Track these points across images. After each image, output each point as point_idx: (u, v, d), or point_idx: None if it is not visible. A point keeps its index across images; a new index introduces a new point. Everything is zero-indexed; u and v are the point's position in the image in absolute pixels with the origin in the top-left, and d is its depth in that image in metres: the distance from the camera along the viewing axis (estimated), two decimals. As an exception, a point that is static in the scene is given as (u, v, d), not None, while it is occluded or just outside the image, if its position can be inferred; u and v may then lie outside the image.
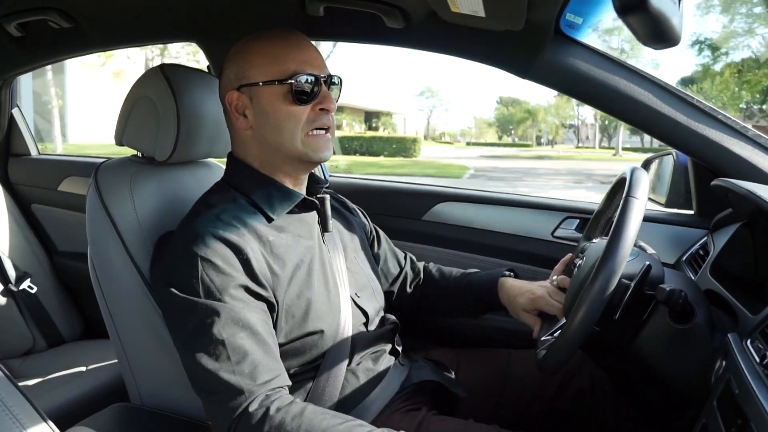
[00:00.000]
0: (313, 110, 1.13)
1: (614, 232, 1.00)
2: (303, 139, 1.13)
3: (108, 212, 1.23)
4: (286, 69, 1.11)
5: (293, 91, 1.10)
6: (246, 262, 1.05)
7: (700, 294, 1.11)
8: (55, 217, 2.28)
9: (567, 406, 1.35)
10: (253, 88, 1.13)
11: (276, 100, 1.12)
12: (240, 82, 1.14)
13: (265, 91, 1.12)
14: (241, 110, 1.15)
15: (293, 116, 1.12)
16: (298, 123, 1.12)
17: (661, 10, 0.70)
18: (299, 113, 1.12)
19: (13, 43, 1.79)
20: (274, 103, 1.12)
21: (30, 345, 2.05)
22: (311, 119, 1.13)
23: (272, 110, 1.12)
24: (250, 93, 1.13)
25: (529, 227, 1.77)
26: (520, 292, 1.35)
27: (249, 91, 1.13)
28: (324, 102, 1.13)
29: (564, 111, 51.94)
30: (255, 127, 1.15)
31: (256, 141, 1.16)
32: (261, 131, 1.15)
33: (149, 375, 1.29)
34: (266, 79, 1.12)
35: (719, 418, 0.85)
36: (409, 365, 1.32)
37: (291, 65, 1.11)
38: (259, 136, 1.15)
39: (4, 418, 0.71)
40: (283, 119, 1.12)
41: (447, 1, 1.16)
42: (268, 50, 1.13)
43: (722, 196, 1.28)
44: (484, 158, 30.64)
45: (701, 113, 1.34)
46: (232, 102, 1.15)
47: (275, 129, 1.13)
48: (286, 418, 0.96)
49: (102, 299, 1.28)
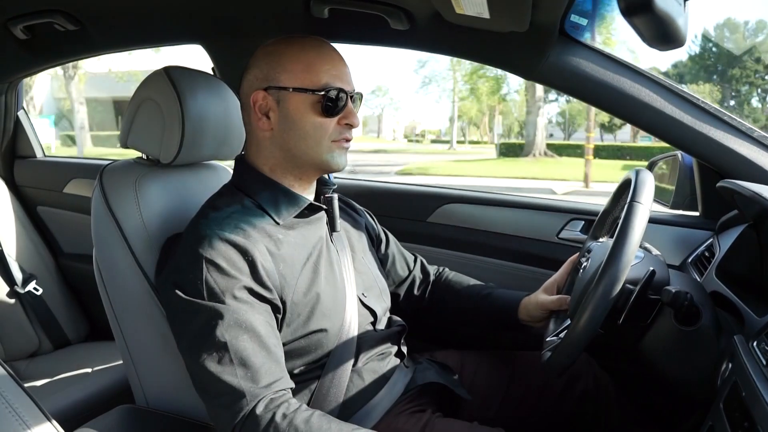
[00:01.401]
0: (339, 123, 1.14)
1: (618, 236, 1.00)
2: (326, 148, 1.14)
3: (113, 214, 1.24)
4: (319, 80, 1.12)
5: (323, 103, 1.11)
6: (252, 264, 1.05)
7: (705, 296, 1.11)
8: (61, 219, 2.29)
9: (572, 407, 1.35)
10: (282, 92, 1.13)
11: (304, 108, 1.12)
12: (268, 83, 1.14)
13: (295, 98, 1.12)
14: (264, 111, 1.15)
15: (320, 127, 1.13)
16: (324, 133, 1.13)
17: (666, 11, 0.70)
18: (326, 124, 1.13)
19: (18, 45, 1.80)
20: (301, 110, 1.12)
21: (36, 347, 2.06)
22: (336, 131, 1.14)
23: (298, 117, 1.13)
24: (278, 96, 1.13)
25: (534, 229, 1.76)
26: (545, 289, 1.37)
27: (277, 93, 1.13)
28: (349, 117, 1.15)
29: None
30: (276, 130, 1.15)
31: (274, 144, 1.16)
32: (283, 135, 1.15)
33: (154, 377, 1.29)
34: (297, 86, 1.12)
35: (726, 420, 0.85)
36: (414, 367, 1.32)
37: (324, 77, 1.12)
38: (279, 139, 1.15)
39: (11, 419, 0.71)
40: (310, 128, 1.13)
41: (452, 3, 1.16)
42: (304, 57, 1.13)
43: (728, 198, 1.28)
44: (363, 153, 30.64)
45: (707, 114, 1.33)
46: (256, 101, 1.15)
47: (299, 136, 1.14)
48: (292, 425, 0.96)
49: (107, 301, 1.28)
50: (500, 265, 1.75)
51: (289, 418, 0.96)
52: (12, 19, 1.66)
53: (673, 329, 1.06)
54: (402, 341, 1.33)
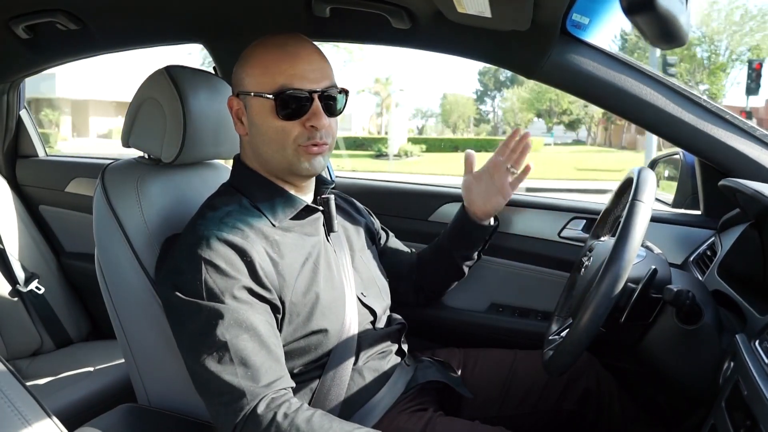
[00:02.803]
0: (303, 126, 1.10)
1: (620, 235, 1.00)
2: (292, 152, 1.11)
3: (115, 213, 1.24)
4: (274, 82, 1.08)
5: (279, 107, 1.08)
6: (250, 265, 1.05)
7: (707, 294, 1.11)
8: (63, 218, 2.29)
9: (573, 406, 1.35)
10: (247, 98, 1.13)
11: (264, 112, 1.10)
12: (237, 89, 1.15)
13: (255, 102, 1.11)
14: (239, 116, 1.16)
15: (281, 131, 1.10)
16: (287, 138, 1.10)
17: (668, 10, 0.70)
18: (287, 128, 1.10)
19: (21, 45, 1.80)
20: (262, 115, 1.11)
21: (38, 345, 2.06)
22: (302, 135, 1.10)
23: (261, 122, 1.11)
24: (245, 101, 1.14)
25: (535, 228, 1.76)
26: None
27: (244, 99, 1.14)
28: (312, 119, 1.10)
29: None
30: (249, 135, 1.16)
31: (251, 147, 1.17)
32: (253, 140, 1.15)
33: (156, 376, 1.30)
34: (256, 90, 1.11)
35: (728, 419, 0.85)
36: (415, 365, 1.32)
37: (279, 78, 1.08)
38: (252, 144, 1.16)
39: (13, 417, 0.71)
40: (272, 133, 1.11)
41: (453, 2, 1.15)
42: (262, 60, 1.11)
43: (730, 197, 1.27)
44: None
45: (709, 113, 1.33)
46: (232, 107, 1.16)
47: (264, 141, 1.13)
48: (294, 424, 0.96)
49: (109, 300, 1.28)
50: (502, 264, 1.75)
51: (291, 418, 0.96)
52: (14, 18, 1.66)
53: (675, 328, 1.06)
54: (402, 339, 1.33)
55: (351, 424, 1.01)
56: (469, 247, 1.48)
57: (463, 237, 1.48)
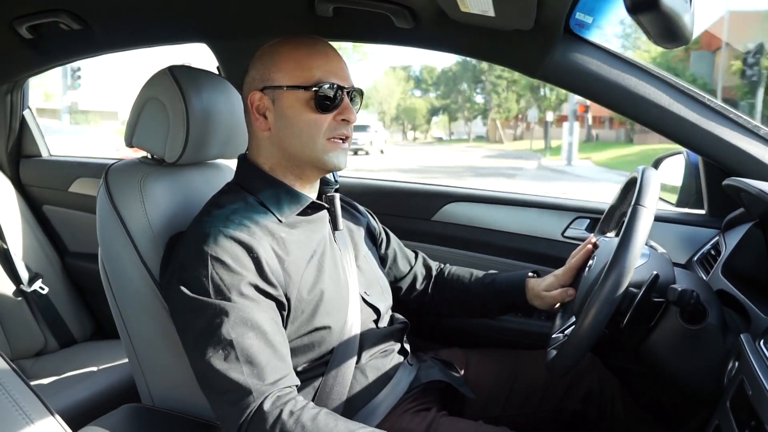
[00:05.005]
0: (335, 119, 1.14)
1: (622, 241, 1.01)
2: (322, 145, 1.14)
3: (118, 213, 1.24)
4: (312, 76, 1.12)
5: (316, 99, 1.11)
6: (257, 261, 1.05)
7: (712, 294, 1.10)
8: (66, 218, 2.29)
9: (576, 406, 1.35)
10: (277, 91, 1.13)
11: (298, 105, 1.12)
12: (264, 84, 1.15)
13: (289, 96, 1.13)
14: (261, 111, 1.16)
15: (314, 123, 1.13)
16: (318, 130, 1.13)
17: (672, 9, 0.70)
18: (320, 121, 1.13)
19: (24, 45, 1.81)
20: (296, 108, 1.12)
21: (41, 345, 2.06)
22: (331, 128, 1.14)
23: (293, 115, 1.13)
24: (273, 95, 1.14)
25: (539, 227, 1.76)
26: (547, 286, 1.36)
27: (272, 93, 1.14)
28: (345, 113, 1.14)
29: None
30: (273, 130, 1.16)
31: (272, 143, 1.17)
32: (279, 134, 1.15)
33: (160, 375, 1.30)
34: (291, 84, 1.12)
35: (732, 419, 0.84)
36: (418, 365, 1.32)
37: (317, 73, 1.12)
38: (276, 139, 1.16)
39: (17, 417, 0.71)
40: (304, 125, 1.13)
41: (456, 1, 1.16)
42: (296, 55, 1.14)
43: (734, 196, 1.27)
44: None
45: (712, 112, 1.33)
46: (253, 102, 1.16)
47: (294, 134, 1.14)
48: (299, 422, 0.96)
49: (112, 300, 1.28)
50: (506, 264, 1.75)
51: (296, 416, 0.96)
52: (17, 19, 1.66)
53: (679, 328, 1.05)
54: (405, 338, 1.33)
55: (355, 423, 1.01)
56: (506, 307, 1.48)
57: (509, 307, 1.46)
